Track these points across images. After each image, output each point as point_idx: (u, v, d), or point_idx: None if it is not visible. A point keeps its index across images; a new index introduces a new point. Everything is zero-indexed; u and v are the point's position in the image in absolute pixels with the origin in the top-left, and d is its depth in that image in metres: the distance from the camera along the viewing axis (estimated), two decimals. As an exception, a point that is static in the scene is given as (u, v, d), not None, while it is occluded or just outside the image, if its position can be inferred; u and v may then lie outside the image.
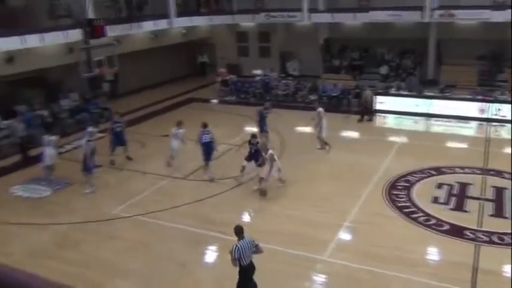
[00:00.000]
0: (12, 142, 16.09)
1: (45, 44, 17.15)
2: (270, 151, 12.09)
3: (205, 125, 13.48)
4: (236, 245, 7.20)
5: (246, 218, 11.43)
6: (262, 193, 11.95)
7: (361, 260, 9.00)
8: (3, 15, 16.96)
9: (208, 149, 13.26)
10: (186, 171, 13.96)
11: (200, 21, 25.94)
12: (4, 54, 16.31)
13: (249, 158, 13.02)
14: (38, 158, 15.44)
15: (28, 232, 10.78)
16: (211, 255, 9.90)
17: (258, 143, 13.02)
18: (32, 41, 16.50)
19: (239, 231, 7.40)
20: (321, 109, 15.27)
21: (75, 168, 13.93)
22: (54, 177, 13.50)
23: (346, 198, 11.76)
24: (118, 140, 14.77)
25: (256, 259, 7.43)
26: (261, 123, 15.70)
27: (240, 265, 7.23)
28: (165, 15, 23.10)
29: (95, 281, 8.62)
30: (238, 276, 7.34)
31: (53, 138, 13.71)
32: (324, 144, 15.35)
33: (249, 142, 13.24)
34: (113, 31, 19.21)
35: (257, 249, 7.41)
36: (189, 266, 9.16)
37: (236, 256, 7.14)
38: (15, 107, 18.14)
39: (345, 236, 10.21)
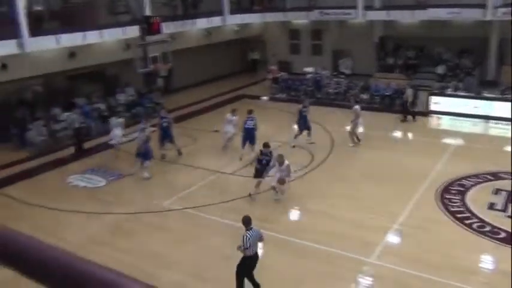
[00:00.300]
0: (69, 134, 16.82)
1: (104, 40, 17.84)
2: (287, 162, 11.40)
3: (250, 111, 14.70)
4: (246, 235, 7.64)
5: (293, 216, 11.42)
6: (281, 183, 11.47)
7: (410, 264, 8.76)
8: (65, 12, 17.78)
9: (249, 135, 14.20)
10: (234, 167, 14.10)
11: (253, 19, 26.08)
12: (66, 49, 17.10)
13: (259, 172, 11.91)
14: (93, 150, 16.18)
15: (83, 220, 11.29)
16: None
17: (271, 152, 12.01)
18: (92, 37, 17.19)
19: (247, 221, 7.85)
20: (357, 106, 15.59)
21: (129, 161, 14.45)
22: (109, 169, 14.08)
23: (396, 201, 11.47)
24: (165, 135, 15.06)
25: (304, 258, 7.43)
26: (301, 121, 15.71)
27: (246, 253, 7.67)
28: (218, 13, 23.41)
29: (145, 270, 8.89)
30: (240, 263, 7.84)
31: (120, 120, 15.71)
32: (357, 140, 15.60)
33: (261, 152, 12.07)
34: (168, 28, 19.68)
35: (260, 239, 7.92)
36: (235, 260, 9.25)
37: (248, 245, 7.58)
38: (74, 100, 19.03)
39: (393, 239, 9.98)
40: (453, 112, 18.80)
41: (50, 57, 16.75)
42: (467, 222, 10.34)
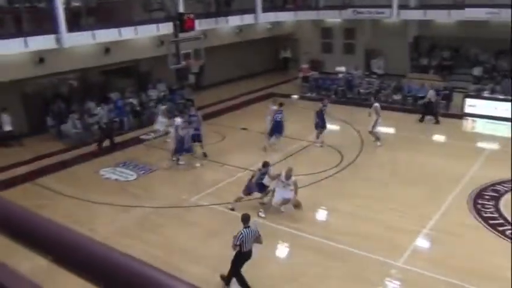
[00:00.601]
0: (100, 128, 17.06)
1: (139, 36, 18.15)
2: (293, 178, 10.68)
3: (281, 104, 15.51)
4: (241, 233, 7.84)
5: (321, 216, 11.35)
6: (297, 206, 10.91)
7: (440, 270, 8.58)
8: (102, 9, 18.18)
9: (278, 127, 15.03)
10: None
11: (285, 17, 26.02)
12: (102, 45, 17.48)
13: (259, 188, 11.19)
14: (125, 144, 16.52)
15: (113, 212, 11.53)
16: (282, 250, 9.96)
17: (268, 169, 11.17)
18: (127, 33, 17.51)
19: (246, 219, 8.04)
20: (376, 104, 15.66)
21: (160, 156, 14.67)
22: (140, 163, 14.32)
23: (427, 204, 11.25)
24: (193, 133, 14.69)
25: (330, 258, 7.37)
26: (319, 120, 15.66)
27: (240, 250, 7.88)
28: (251, 10, 23.45)
29: (171, 264, 9.01)
30: (234, 258, 8.07)
31: (163, 107, 16.92)
32: (376, 138, 15.54)
33: (260, 170, 11.17)
34: (200, 25, 19.86)
35: (258, 239, 7.97)
36: (260, 258, 9.27)
37: (238, 242, 7.81)
38: (108, 95, 19.45)
39: (423, 243, 9.79)
40: (489, 115, 18.27)
41: (86, 52, 17.16)
42: (500, 228, 10.04)
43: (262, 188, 11.10)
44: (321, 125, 15.67)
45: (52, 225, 1.15)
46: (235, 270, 8.12)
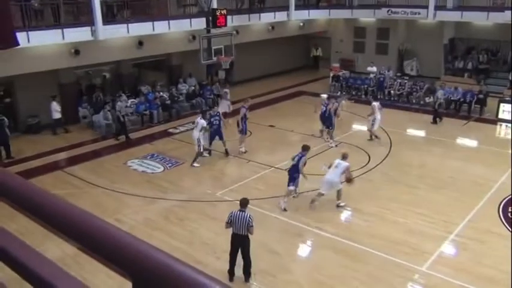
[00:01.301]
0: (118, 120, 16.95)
1: (172, 30, 18.36)
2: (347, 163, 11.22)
3: (329, 98, 16.34)
4: (232, 212, 8.27)
5: (346, 217, 11.26)
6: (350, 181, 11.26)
7: (465, 277, 8.41)
8: (138, 2, 18.45)
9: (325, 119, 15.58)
10: (288, 163, 14.07)
11: (318, 15, 25.84)
12: (135, 38, 17.77)
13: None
14: (154, 136, 16.76)
15: (139, 203, 11.74)
16: (304, 248, 9.95)
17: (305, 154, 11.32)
18: (161, 27, 17.75)
19: (243, 203, 8.35)
20: (375, 103, 15.75)
21: (187, 149, 14.83)
22: (168, 156, 14.51)
23: (455, 209, 11.02)
24: (215, 132, 14.49)
25: (353, 260, 7.27)
26: (327, 117, 15.67)
27: (226, 227, 8.38)
28: (284, 8, 23.37)
29: (194, 257, 9.12)
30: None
31: (226, 90, 17.91)
32: (375, 137, 15.68)
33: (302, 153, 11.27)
34: (233, 21, 19.95)
35: (249, 229, 8.17)
36: (282, 256, 9.30)
37: (226, 220, 8.28)
38: (139, 87, 19.78)
39: (449, 249, 9.60)
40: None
41: (120, 45, 17.49)
42: (530, 239, 9.74)
43: (295, 174, 11.11)
44: (328, 124, 15.69)
45: (82, 213, 1.19)
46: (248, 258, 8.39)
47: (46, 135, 16.88)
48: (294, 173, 11.15)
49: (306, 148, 11.36)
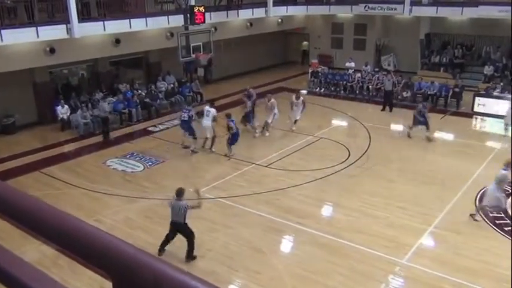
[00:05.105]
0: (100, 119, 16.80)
1: (149, 28, 18.16)
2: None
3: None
4: (171, 201, 9.03)
5: (326, 211, 11.35)
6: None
7: (443, 268, 8.57)
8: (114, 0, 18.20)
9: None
10: (270, 159, 14.13)
11: (296, 11, 25.93)
12: (112, 36, 17.52)
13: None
14: (133, 135, 16.57)
15: (119, 203, 11.59)
16: (287, 244, 9.99)
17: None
18: (138, 24, 17.54)
19: (179, 193, 8.92)
20: (273, 100, 16.15)
21: (167, 147, 14.71)
22: (147, 155, 14.37)
23: (433, 202, 11.20)
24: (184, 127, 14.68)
25: (334, 254, 7.30)
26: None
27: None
28: (262, 4, 23.36)
29: (177, 256, 9.06)
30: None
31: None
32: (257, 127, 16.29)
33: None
34: (211, 18, 19.84)
35: (180, 212, 8.79)
36: (266, 252, 9.32)
37: (169, 206, 9.05)
38: (117, 86, 19.53)
39: (428, 241, 9.76)
40: (499, 115, 18.09)
41: (96, 43, 17.22)
42: (506, 229, 9.99)
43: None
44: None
45: (59, 213, 1.17)
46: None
47: (22, 136, 16.53)
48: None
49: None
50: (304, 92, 22.92)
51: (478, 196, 11.46)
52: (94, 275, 1.06)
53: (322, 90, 22.98)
